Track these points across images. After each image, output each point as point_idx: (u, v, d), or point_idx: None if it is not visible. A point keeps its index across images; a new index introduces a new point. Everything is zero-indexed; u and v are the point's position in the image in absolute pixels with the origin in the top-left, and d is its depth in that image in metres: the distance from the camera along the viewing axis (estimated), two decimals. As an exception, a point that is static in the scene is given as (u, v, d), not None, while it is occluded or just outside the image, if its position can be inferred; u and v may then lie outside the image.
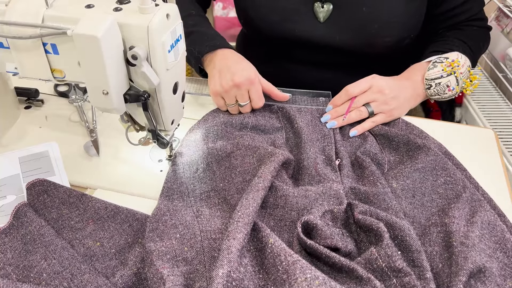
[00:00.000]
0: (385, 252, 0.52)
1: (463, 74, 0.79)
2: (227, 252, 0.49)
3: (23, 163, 0.69)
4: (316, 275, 0.47)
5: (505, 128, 1.08)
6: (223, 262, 0.48)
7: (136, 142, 0.70)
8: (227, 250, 0.49)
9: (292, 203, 0.60)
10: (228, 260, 0.48)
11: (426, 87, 0.79)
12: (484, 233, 0.58)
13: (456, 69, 0.77)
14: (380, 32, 0.83)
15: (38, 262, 0.54)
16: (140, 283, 0.54)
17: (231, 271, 0.48)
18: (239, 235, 0.51)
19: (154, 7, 0.54)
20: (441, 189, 0.65)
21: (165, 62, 0.56)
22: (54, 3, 0.56)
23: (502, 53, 1.18)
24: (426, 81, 0.79)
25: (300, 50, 0.91)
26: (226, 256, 0.48)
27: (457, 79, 0.78)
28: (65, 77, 0.60)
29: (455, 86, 0.78)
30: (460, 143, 0.77)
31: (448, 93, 0.79)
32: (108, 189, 0.68)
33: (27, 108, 0.84)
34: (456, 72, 0.78)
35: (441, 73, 0.78)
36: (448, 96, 0.79)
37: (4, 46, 0.59)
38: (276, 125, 0.77)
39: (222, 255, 0.49)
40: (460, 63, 0.78)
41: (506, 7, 1.18)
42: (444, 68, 0.78)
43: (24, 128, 0.79)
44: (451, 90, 0.78)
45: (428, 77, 0.79)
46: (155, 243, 0.55)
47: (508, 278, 0.54)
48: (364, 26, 0.83)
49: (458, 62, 0.78)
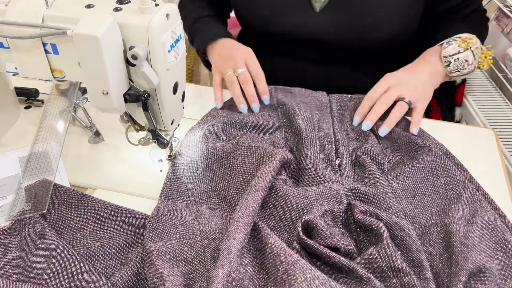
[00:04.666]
0: (385, 252, 0.52)
1: (478, 49, 0.80)
2: (227, 252, 0.49)
3: (23, 163, 0.69)
4: (316, 275, 0.47)
5: (505, 128, 1.08)
6: (223, 262, 0.48)
7: (136, 142, 0.70)
8: (227, 250, 0.49)
9: (292, 203, 0.60)
10: (228, 260, 0.48)
11: (445, 64, 0.80)
12: (485, 233, 0.58)
13: (471, 44, 0.79)
14: (373, 27, 0.83)
15: (38, 262, 0.55)
16: (140, 283, 0.54)
17: (231, 271, 0.48)
18: (239, 235, 0.51)
19: (154, 7, 0.54)
20: (442, 189, 0.65)
21: (165, 62, 0.56)
22: (54, 3, 0.56)
23: (502, 53, 1.18)
24: (445, 59, 0.80)
25: (296, 46, 0.90)
26: (226, 256, 0.48)
27: (473, 53, 0.79)
28: (65, 77, 0.60)
29: (473, 60, 0.79)
30: (460, 143, 0.77)
31: (467, 68, 0.79)
32: (108, 189, 0.67)
33: (27, 108, 0.84)
34: (472, 47, 0.79)
35: (457, 49, 0.79)
36: (467, 72, 0.80)
37: (4, 46, 0.59)
38: (276, 124, 0.77)
39: (222, 255, 0.49)
40: (473, 39, 0.79)
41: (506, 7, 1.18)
42: (460, 44, 0.79)
43: (24, 128, 0.79)
44: (470, 64, 0.79)
45: (446, 54, 0.80)
46: (155, 243, 0.55)
47: (508, 278, 0.54)
48: (358, 19, 0.83)
49: (471, 38, 0.79)
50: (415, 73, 0.80)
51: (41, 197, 0.62)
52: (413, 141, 0.72)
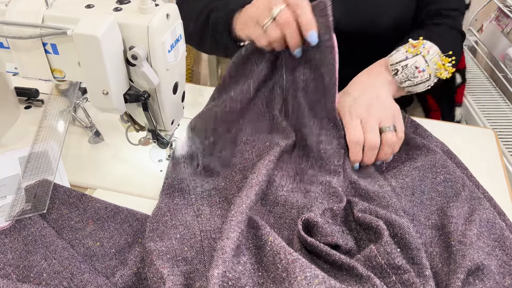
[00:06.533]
0: (384, 249, 0.52)
1: (433, 55, 0.70)
2: (222, 252, 0.49)
3: (23, 163, 0.69)
4: (316, 274, 0.47)
5: (505, 128, 1.09)
6: (218, 263, 0.48)
7: (136, 142, 0.70)
8: (222, 250, 0.49)
9: (292, 201, 0.60)
10: (223, 260, 0.48)
11: (393, 73, 0.71)
12: (483, 231, 0.58)
13: (422, 49, 0.69)
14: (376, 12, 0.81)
15: (38, 262, 0.55)
16: (140, 283, 0.54)
17: (226, 271, 0.48)
18: (233, 234, 0.51)
19: (154, 7, 0.54)
20: (441, 186, 0.65)
21: (165, 62, 0.56)
22: (54, 3, 0.56)
23: (502, 53, 1.18)
24: (391, 67, 0.71)
25: None
26: (220, 256, 0.48)
27: (425, 59, 0.69)
28: (65, 77, 0.60)
29: (425, 67, 0.69)
30: (460, 143, 0.77)
31: (419, 75, 0.69)
32: (108, 189, 0.68)
33: (27, 108, 0.84)
34: (423, 52, 0.69)
35: (405, 54, 0.70)
36: (419, 80, 0.70)
37: (4, 46, 0.59)
38: None
39: (217, 255, 0.49)
40: (425, 44, 0.70)
41: (506, 7, 1.18)
42: (408, 49, 0.70)
43: (24, 128, 0.79)
44: (421, 71, 0.69)
45: (392, 61, 0.71)
46: (155, 243, 0.55)
47: (506, 275, 0.54)
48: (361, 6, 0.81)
49: (422, 42, 0.70)
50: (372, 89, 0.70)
51: (41, 197, 0.62)
52: (412, 140, 0.72)
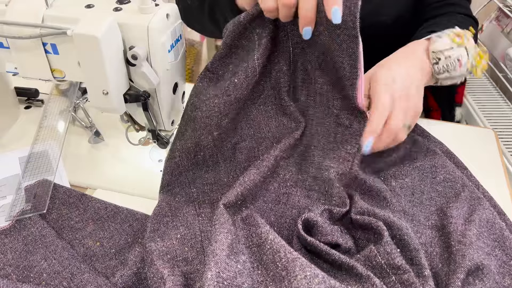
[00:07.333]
0: (384, 249, 0.52)
1: (474, 49, 0.66)
2: (212, 256, 0.49)
3: (23, 163, 0.69)
4: (316, 273, 0.47)
5: (505, 128, 1.09)
6: (210, 265, 0.48)
7: (136, 142, 0.70)
8: (212, 253, 0.49)
9: (294, 201, 0.60)
10: (215, 262, 0.48)
11: (433, 61, 0.65)
12: (482, 231, 0.58)
13: (465, 40, 0.65)
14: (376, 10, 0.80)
15: (38, 262, 0.55)
16: (140, 283, 0.54)
17: (219, 271, 0.48)
18: (219, 236, 0.51)
19: (154, 7, 0.54)
20: (440, 186, 0.65)
21: (165, 62, 0.56)
22: (54, 3, 0.56)
23: (502, 53, 1.18)
24: (433, 54, 0.65)
25: None
26: (212, 259, 0.48)
27: (467, 52, 0.64)
28: (65, 77, 0.60)
29: (466, 61, 0.65)
30: (460, 143, 0.76)
31: (459, 70, 0.65)
32: (108, 189, 0.68)
33: (27, 108, 0.84)
34: (467, 44, 0.65)
35: (450, 44, 0.64)
36: (457, 75, 0.66)
37: (4, 46, 0.59)
38: None
39: (208, 259, 0.49)
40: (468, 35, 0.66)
41: (506, 7, 1.18)
42: (453, 39, 0.65)
43: (24, 128, 0.79)
44: (462, 65, 0.65)
45: (436, 49, 0.65)
46: (156, 243, 0.55)
47: (506, 275, 0.54)
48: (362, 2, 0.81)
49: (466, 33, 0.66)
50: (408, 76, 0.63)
51: (41, 197, 0.62)
52: (411, 140, 0.72)
